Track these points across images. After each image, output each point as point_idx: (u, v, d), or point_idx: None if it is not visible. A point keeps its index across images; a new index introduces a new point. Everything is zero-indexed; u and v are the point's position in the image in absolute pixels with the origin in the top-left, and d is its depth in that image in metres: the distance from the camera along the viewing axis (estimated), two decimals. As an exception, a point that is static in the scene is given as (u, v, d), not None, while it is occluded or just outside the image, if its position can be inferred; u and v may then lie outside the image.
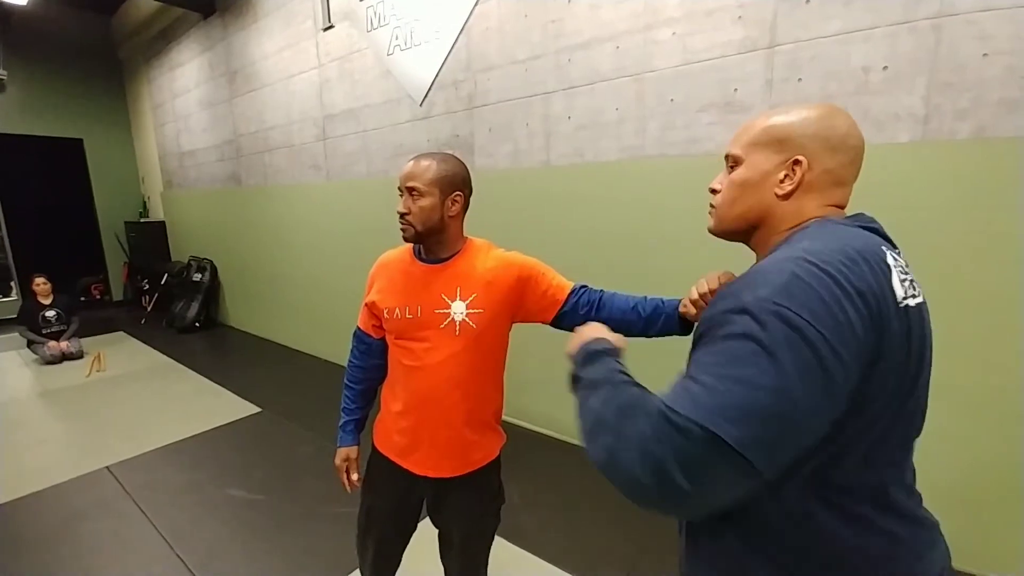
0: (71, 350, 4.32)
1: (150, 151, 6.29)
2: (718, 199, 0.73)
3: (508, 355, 1.22)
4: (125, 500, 2.25)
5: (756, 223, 0.70)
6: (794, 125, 0.65)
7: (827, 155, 0.64)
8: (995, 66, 1.48)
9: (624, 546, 1.89)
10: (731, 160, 0.71)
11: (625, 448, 0.52)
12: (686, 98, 2.05)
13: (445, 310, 1.07)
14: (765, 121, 0.68)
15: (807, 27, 1.75)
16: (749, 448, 0.48)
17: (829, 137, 0.64)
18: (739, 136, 0.71)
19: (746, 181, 0.69)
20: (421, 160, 1.07)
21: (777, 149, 0.66)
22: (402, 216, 1.06)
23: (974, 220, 1.53)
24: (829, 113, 0.66)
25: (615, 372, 0.63)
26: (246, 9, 4.18)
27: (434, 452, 1.13)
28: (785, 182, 0.66)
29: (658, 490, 0.50)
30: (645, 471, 0.50)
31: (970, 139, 1.54)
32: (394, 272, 1.15)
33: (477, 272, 1.09)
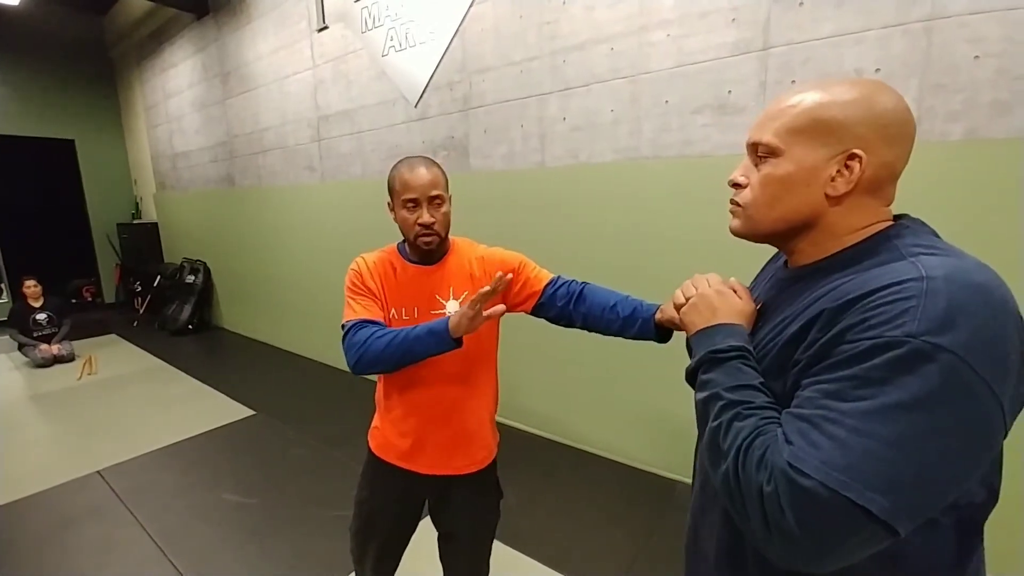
0: (62, 353, 4.28)
1: (143, 152, 6.24)
2: (747, 196, 0.61)
3: (504, 357, 1.23)
4: (116, 504, 2.23)
5: (802, 226, 0.59)
6: (845, 109, 0.54)
7: (884, 145, 0.54)
8: (987, 68, 1.49)
9: (622, 548, 1.88)
10: (763, 149, 0.59)
11: (748, 498, 0.48)
12: (681, 100, 2.06)
13: (440, 310, 1.09)
14: (806, 102, 0.56)
15: (800, 29, 1.76)
16: (896, 517, 0.42)
17: (887, 123, 0.53)
18: (770, 119, 0.59)
19: (789, 178, 0.57)
20: (421, 168, 1.05)
21: (825, 140, 0.54)
22: (427, 227, 1.04)
23: (967, 222, 1.54)
24: (879, 91, 0.54)
25: (742, 389, 0.55)
26: (240, 10, 4.16)
27: (439, 452, 1.14)
28: (838, 181, 0.55)
29: (783, 549, 0.46)
30: (767, 531, 0.46)
31: (962, 141, 1.55)
32: (386, 274, 1.13)
33: (464, 271, 1.12)
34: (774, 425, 0.50)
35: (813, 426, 0.46)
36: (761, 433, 0.50)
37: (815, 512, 0.44)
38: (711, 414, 0.55)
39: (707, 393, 0.57)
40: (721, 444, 0.52)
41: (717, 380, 0.57)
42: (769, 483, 0.46)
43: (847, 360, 0.47)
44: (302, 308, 4.25)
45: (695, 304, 0.66)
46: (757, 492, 0.47)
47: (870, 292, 0.48)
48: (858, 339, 0.46)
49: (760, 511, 0.46)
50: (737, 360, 0.57)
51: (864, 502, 0.42)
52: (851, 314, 0.48)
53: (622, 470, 2.42)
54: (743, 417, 0.52)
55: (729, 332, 0.60)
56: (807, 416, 0.48)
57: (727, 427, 0.53)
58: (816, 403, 0.48)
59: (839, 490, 0.43)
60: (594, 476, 2.38)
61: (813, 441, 0.46)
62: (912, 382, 0.43)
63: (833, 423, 0.45)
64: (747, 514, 0.48)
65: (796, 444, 0.46)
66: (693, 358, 0.62)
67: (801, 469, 0.44)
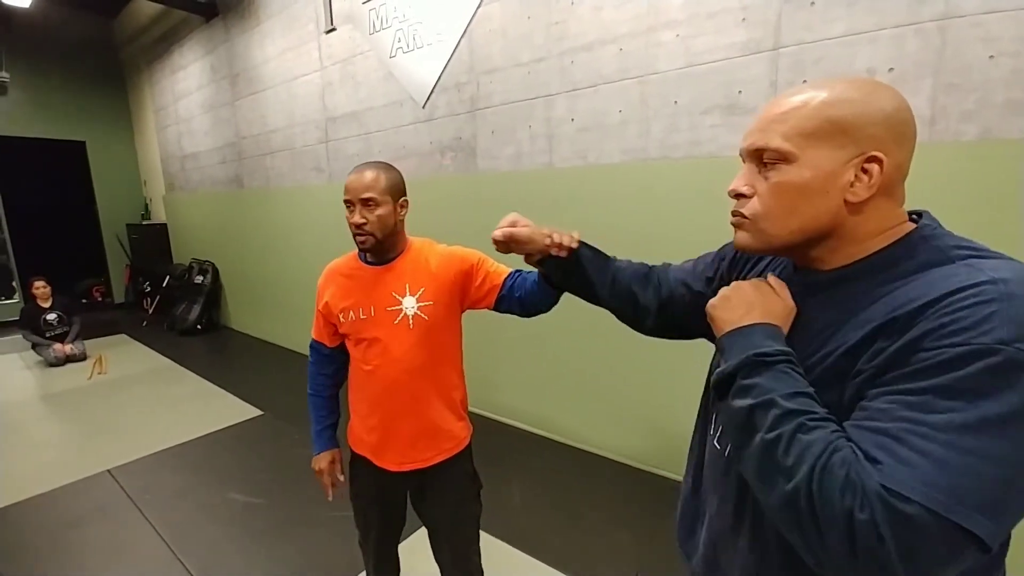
0: (75, 352, 4.33)
1: (152, 154, 6.30)
2: (756, 207, 0.57)
3: (511, 358, 1.23)
4: (126, 503, 2.25)
5: (820, 236, 0.56)
6: (857, 108, 0.51)
7: (896, 146, 0.51)
8: (1001, 68, 1.47)
9: (628, 548, 1.87)
10: (772, 155, 0.55)
11: (828, 524, 0.43)
12: (690, 100, 2.05)
13: (397, 307, 1.14)
14: (815, 102, 0.53)
15: (811, 29, 1.75)
16: (996, 538, 0.41)
17: (898, 122, 0.51)
18: (775, 122, 0.55)
19: (806, 186, 0.53)
20: (367, 171, 1.12)
21: (841, 142, 0.51)
22: (359, 227, 1.11)
23: (980, 222, 1.52)
24: (884, 90, 0.52)
25: (799, 397, 0.50)
26: (248, 12, 4.19)
27: (404, 444, 1.18)
28: (857, 186, 0.52)
29: (863, 570, 0.43)
30: (852, 559, 0.42)
31: (976, 141, 1.53)
32: (342, 277, 1.21)
33: (422, 268, 1.17)
34: (844, 439, 0.46)
35: (898, 441, 0.43)
36: (837, 449, 0.45)
37: (919, 539, 0.40)
38: (763, 423, 0.49)
39: (755, 400, 0.51)
40: (782, 460, 0.47)
41: (767, 385, 0.51)
42: (863, 510, 0.41)
43: (931, 368, 0.43)
44: (309, 309, 4.24)
45: (727, 297, 0.60)
46: (844, 518, 0.42)
47: (942, 296, 0.45)
48: (940, 346, 0.43)
49: (847, 539, 0.42)
50: (785, 364, 0.52)
51: (971, 525, 0.40)
52: (926, 320, 0.45)
53: (626, 471, 2.41)
54: (808, 429, 0.47)
55: (769, 333, 0.55)
56: (887, 430, 0.44)
57: (790, 440, 0.47)
58: (896, 415, 0.44)
59: (945, 514, 0.40)
60: (598, 477, 2.37)
61: (904, 459, 0.42)
62: (1012, 394, 0.40)
63: (923, 438, 0.42)
64: (822, 541, 0.44)
65: (885, 463, 0.42)
66: (728, 360, 0.55)
67: (900, 493, 0.41)
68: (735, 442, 0.55)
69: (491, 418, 2.96)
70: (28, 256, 6.02)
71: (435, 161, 3.05)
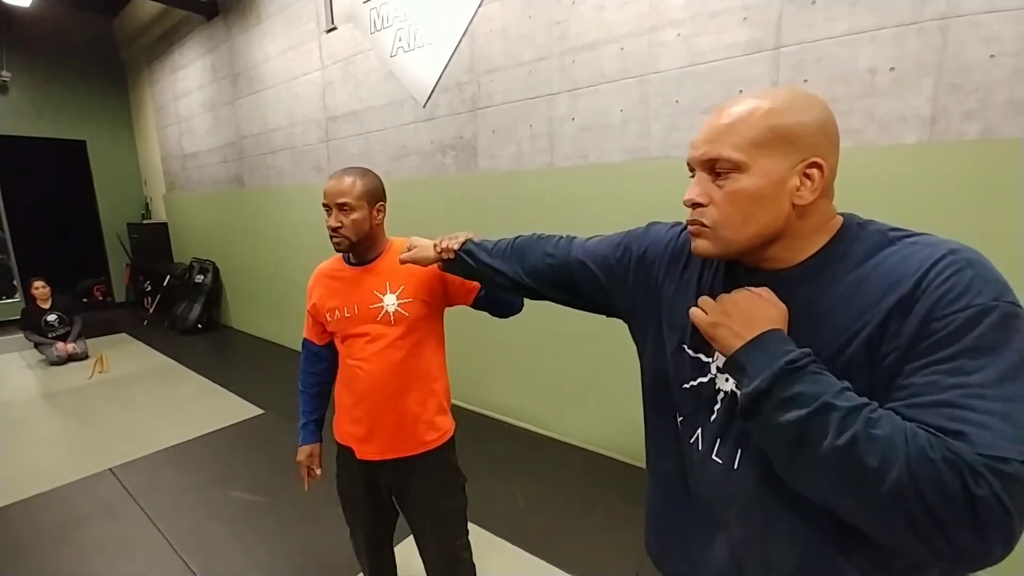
0: (77, 351, 4.34)
1: (153, 153, 6.30)
2: (714, 216, 0.59)
3: (515, 358, 1.25)
4: (128, 502, 2.25)
5: (773, 238, 0.59)
6: (798, 117, 0.55)
7: (831, 150, 0.57)
8: (1002, 67, 1.47)
9: (632, 550, 1.87)
10: (725, 165, 0.57)
11: (948, 511, 0.43)
12: (691, 100, 2.05)
13: (378, 304, 1.20)
14: (759, 112, 0.56)
15: (813, 28, 1.75)
16: None
17: (831, 130, 0.57)
18: (723, 133, 0.57)
19: (760, 193, 0.56)
20: (344, 177, 1.18)
21: (786, 150, 0.55)
22: (335, 230, 1.17)
23: (982, 221, 1.52)
24: (813, 99, 0.57)
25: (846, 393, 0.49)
26: (249, 11, 4.19)
27: (387, 435, 1.22)
28: (803, 190, 0.56)
29: (1002, 552, 0.43)
30: (983, 541, 0.43)
31: (977, 140, 1.53)
32: (328, 279, 1.28)
33: (401, 268, 1.19)
34: (906, 422, 0.47)
35: (962, 408, 0.45)
36: (913, 434, 0.45)
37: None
38: (827, 431, 0.47)
39: (808, 409, 0.49)
40: (866, 461, 0.45)
41: (812, 391, 0.49)
42: (979, 485, 0.42)
43: (951, 335, 0.47)
44: (310, 308, 4.26)
45: (727, 314, 0.58)
46: (963, 500, 0.42)
47: (924, 272, 0.50)
48: (948, 313, 0.48)
49: (971, 520, 0.42)
50: (813, 365, 0.51)
51: None
52: (926, 294, 0.49)
53: (630, 470, 2.41)
54: (875, 423, 0.46)
55: (782, 338, 0.55)
56: (945, 400, 0.46)
57: (867, 439, 0.45)
58: (944, 385, 0.46)
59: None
60: (600, 475, 2.38)
61: (978, 422, 0.44)
62: (1017, 339, 0.46)
63: (979, 398, 0.45)
64: (943, 530, 0.43)
65: (968, 432, 0.44)
66: (754, 378, 0.53)
67: (998, 455, 0.42)
68: (787, 458, 0.52)
69: (492, 417, 2.97)
70: (29, 255, 6.03)
71: (436, 160, 3.05)
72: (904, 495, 0.44)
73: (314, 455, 1.37)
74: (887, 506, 0.45)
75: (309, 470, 1.36)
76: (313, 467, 1.36)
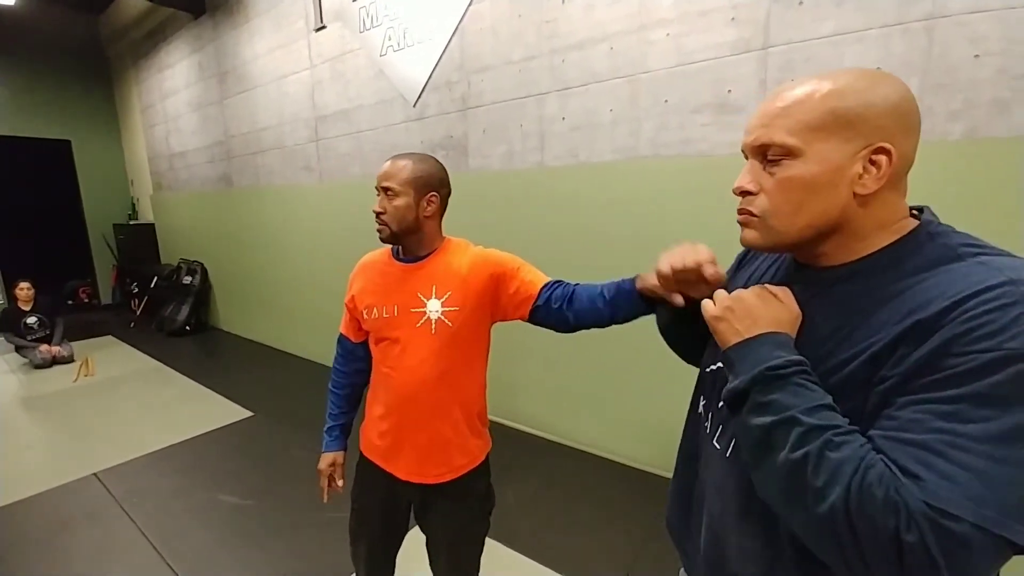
0: (63, 353, 4.26)
1: (139, 153, 6.22)
2: (764, 204, 0.56)
3: (503, 357, 1.21)
4: (113, 507, 2.21)
5: (829, 231, 0.55)
6: (863, 99, 0.50)
7: (904, 136, 0.51)
8: (987, 67, 1.49)
9: (622, 548, 1.87)
10: (777, 151, 0.53)
11: (871, 545, 0.42)
12: (680, 99, 2.05)
13: (420, 308, 1.07)
14: (819, 94, 0.51)
15: (800, 28, 1.76)
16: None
17: (905, 112, 0.50)
18: (778, 116, 0.53)
19: (815, 181, 0.52)
20: (398, 160, 1.09)
21: (847, 134, 0.50)
22: (378, 216, 1.08)
23: (968, 221, 1.53)
24: (888, 80, 0.51)
25: (821, 411, 0.48)
26: (237, 9, 4.15)
27: (415, 456, 1.12)
28: (866, 178, 0.51)
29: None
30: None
31: (962, 140, 1.54)
32: (373, 272, 1.16)
33: (452, 270, 1.09)
34: (874, 453, 0.44)
35: (936, 454, 0.42)
36: (870, 465, 0.43)
37: (971, 557, 0.40)
38: (785, 443, 0.47)
39: (774, 418, 0.49)
40: (812, 480, 0.45)
41: (785, 401, 0.49)
42: (910, 531, 0.40)
43: (962, 375, 0.42)
44: (300, 309, 4.23)
45: (731, 309, 0.57)
46: (890, 541, 0.41)
47: (964, 299, 0.44)
48: (970, 352, 0.42)
49: (896, 563, 0.41)
50: (800, 376, 0.50)
51: (1018, 538, 0.40)
52: (952, 324, 0.44)
53: (621, 470, 2.41)
54: (836, 446, 0.45)
55: (778, 342, 0.53)
56: (923, 442, 0.42)
57: (818, 459, 0.45)
58: (930, 426, 0.43)
59: (994, 530, 0.39)
60: (593, 476, 2.38)
61: (945, 473, 0.41)
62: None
63: (962, 450, 0.41)
64: (864, 562, 0.43)
65: (927, 479, 0.41)
66: (738, 375, 0.54)
67: (947, 511, 0.40)
68: (752, 460, 0.53)
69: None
70: (12, 257, 5.92)
71: (426, 160, 3.03)
72: (837, 520, 0.43)
73: (337, 464, 1.24)
74: (822, 526, 0.45)
75: (330, 480, 1.25)
76: (335, 477, 1.25)
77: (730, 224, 0.65)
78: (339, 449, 1.25)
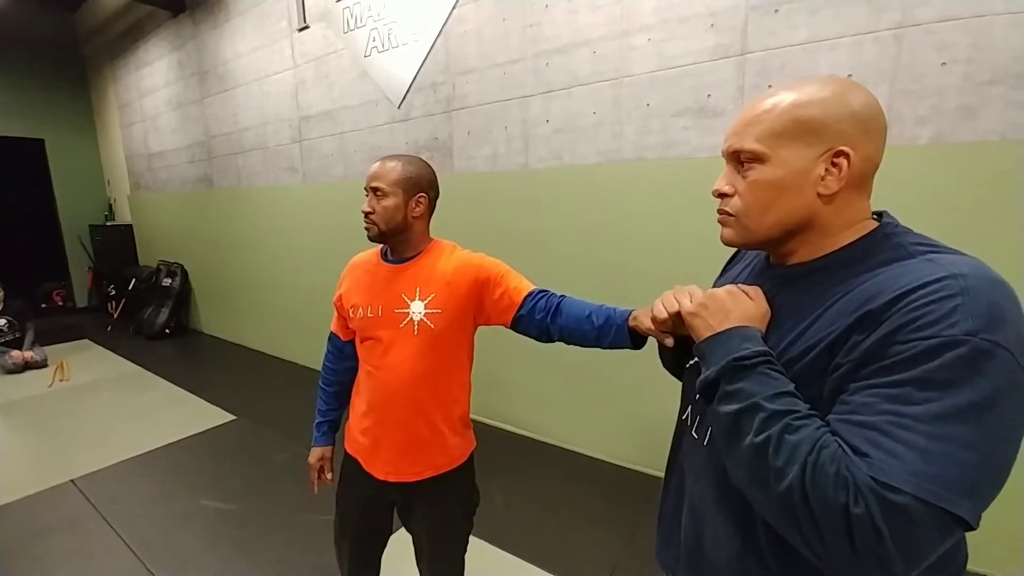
0: (36, 359, 4.14)
1: (116, 152, 6.08)
2: (738, 205, 0.61)
3: (492, 357, 1.23)
4: (92, 514, 2.17)
5: (797, 228, 0.59)
6: (824, 107, 0.55)
7: (865, 139, 0.55)
8: (953, 74, 1.55)
9: (608, 545, 1.90)
10: (747, 156, 0.59)
11: (825, 520, 0.45)
12: (661, 103, 2.09)
13: (404, 309, 1.09)
14: (783, 104, 0.56)
15: (776, 35, 1.81)
16: (977, 516, 0.43)
17: (865, 118, 0.55)
18: (748, 124, 0.59)
19: (780, 182, 0.57)
20: (388, 161, 1.11)
21: (809, 140, 0.55)
22: (366, 215, 1.09)
23: (933, 224, 1.59)
24: (851, 88, 0.56)
25: (782, 397, 0.51)
26: (218, 8, 4.09)
27: (394, 455, 1.13)
28: (828, 179, 0.56)
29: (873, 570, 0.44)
30: (853, 554, 0.44)
31: (929, 144, 1.61)
32: (361, 272, 1.19)
33: (438, 272, 1.11)
34: (830, 435, 0.48)
35: (883, 434, 0.45)
36: (824, 445, 0.47)
37: (913, 529, 0.43)
38: (751, 428, 0.51)
39: (740, 405, 0.53)
40: (772, 461, 0.48)
41: (750, 390, 0.53)
42: (857, 504, 0.43)
43: (906, 361, 0.46)
44: (283, 311, 4.19)
45: (704, 305, 0.62)
46: (840, 514, 0.44)
47: (910, 291, 0.48)
48: (913, 339, 0.46)
49: (846, 535, 0.44)
50: (764, 366, 0.54)
51: (957, 509, 0.42)
52: (897, 314, 0.47)
53: (606, 468, 2.44)
54: (795, 429, 0.49)
55: (745, 336, 0.57)
56: (872, 423, 0.46)
57: (778, 441, 0.49)
58: (878, 408, 0.46)
59: (935, 502, 0.42)
60: (579, 475, 2.40)
61: (890, 450, 0.44)
62: (980, 381, 0.43)
63: (906, 429, 0.44)
64: (821, 538, 0.45)
65: (874, 456, 0.44)
66: (709, 367, 0.58)
67: (891, 484, 0.43)
68: (724, 447, 0.56)
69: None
70: (-17, 259, 5.75)
71: (411, 161, 3.04)
72: (794, 496, 0.46)
73: (325, 459, 1.28)
74: (782, 504, 0.48)
75: (320, 473, 1.29)
76: (324, 470, 1.29)
77: (709, 225, 0.69)
78: (327, 444, 1.29)
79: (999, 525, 1.60)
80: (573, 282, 1.15)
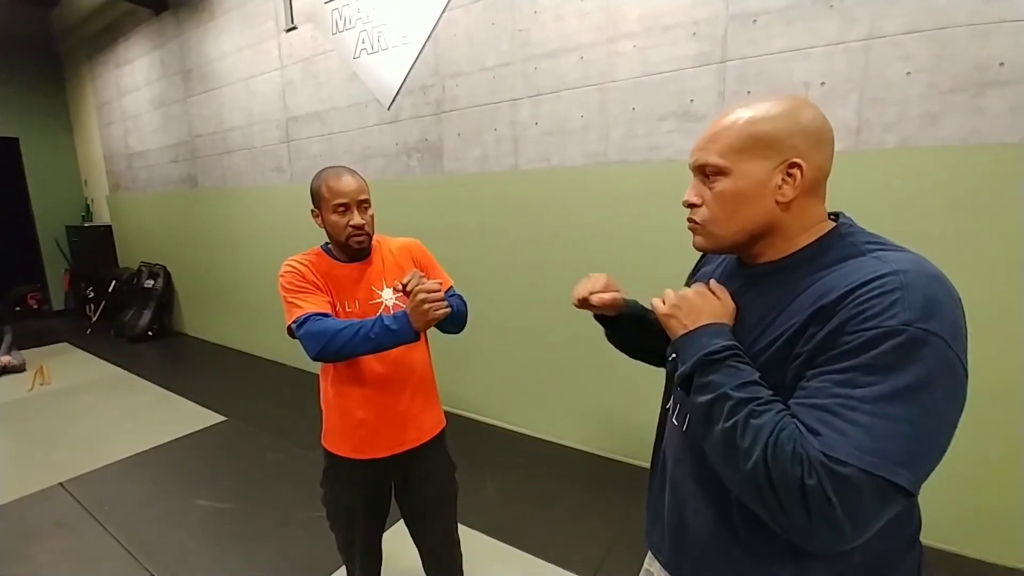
0: (13, 363, 4.06)
1: (94, 152, 5.96)
2: (705, 214, 0.67)
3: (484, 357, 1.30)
4: (83, 515, 2.16)
5: (760, 233, 0.65)
6: (776, 123, 0.61)
7: (815, 150, 0.61)
8: (917, 83, 1.66)
9: (599, 533, 1.97)
10: (711, 169, 0.65)
11: (786, 493, 0.51)
12: (647, 107, 2.17)
13: (377, 300, 1.24)
14: (740, 122, 0.63)
15: (755, 45, 1.90)
16: (917, 485, 0.49)
17: (814, 131, 0.61)
18: (711, 141, 0.65)
19: (741, 193, 0.63)
20: (355, 176, 1.20)
21: (766, 154, 0.61)
22: (359, 228, 1.17)
23: (900, 222, 1.70)
24: (800, 104, 0.62)
25: (748, 386, 0.57)
26: (202, 7, 4.06)
27: (396, 428, 1.26)
28: (784, 188, 0.62)
29: (829, 538, 0.51)
30: (810, 523, 0.50)
31: (896, 149, 1.71)
32: (323, 274, 1.23)
33: (391, 261, 1.28)
34: (790, 417, 0.54)
35: (833, 414, 0.51)
36: (783, 427, 0.53)
37: (857, 497, 0.48)
38: (721, 415, 0.57)
39: (712, 395, 0.59)
40: (740, 443, 0.54)
41: (719, 381, 0.59)
42: (811, 476, 0.49)
43: (853, 350, 0.52)
44: (270, 311, 4.17)
45: (677, 306, 0.68)
46: (797, 487, 0.50)
47: (857, 287, 0.54)
48: (858, 330, 0.52)
49: (802, 505, 0.50)
50: (732, 359, 0.60)
51: (895, 478, 0.48)
52: (846, 308, 0.53)
53: (596, 460, 2.52)
54: (758, 414, 0.55)
55: (716, 332, 0.63)
56: (824, 405, 0.52)
57: (744, 425, 0.55)
58: (829, 392, 0.52)
59: (874, 471, 0.48)
60: (570, 467, 2.47)
61: (839, 428, 0.50)
62: (916, 366, 0.49)
63: (852, 410, 0.50)
64: (783, 508, 0.51)
65: (824, 434, 0.50)
66: (684, 362, 0.64)
67: (838, 458, 0.48)
68: (700, 434, 0.62)
69: (462, 415, 3.01)
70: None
71: (401, 163, 3.07)
72: (759, 473, 0.52)
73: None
74: (749, 481, 0.54)
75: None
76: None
77: (693, 225, 0.75)
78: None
79: (999, 515, 1.70)
80: (562, 279, 1.21)
